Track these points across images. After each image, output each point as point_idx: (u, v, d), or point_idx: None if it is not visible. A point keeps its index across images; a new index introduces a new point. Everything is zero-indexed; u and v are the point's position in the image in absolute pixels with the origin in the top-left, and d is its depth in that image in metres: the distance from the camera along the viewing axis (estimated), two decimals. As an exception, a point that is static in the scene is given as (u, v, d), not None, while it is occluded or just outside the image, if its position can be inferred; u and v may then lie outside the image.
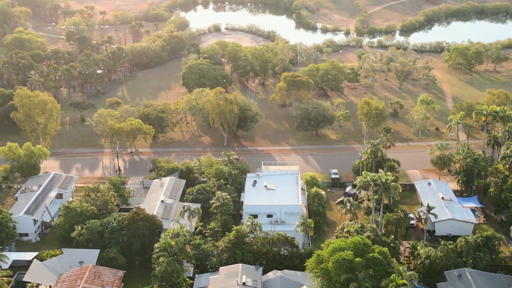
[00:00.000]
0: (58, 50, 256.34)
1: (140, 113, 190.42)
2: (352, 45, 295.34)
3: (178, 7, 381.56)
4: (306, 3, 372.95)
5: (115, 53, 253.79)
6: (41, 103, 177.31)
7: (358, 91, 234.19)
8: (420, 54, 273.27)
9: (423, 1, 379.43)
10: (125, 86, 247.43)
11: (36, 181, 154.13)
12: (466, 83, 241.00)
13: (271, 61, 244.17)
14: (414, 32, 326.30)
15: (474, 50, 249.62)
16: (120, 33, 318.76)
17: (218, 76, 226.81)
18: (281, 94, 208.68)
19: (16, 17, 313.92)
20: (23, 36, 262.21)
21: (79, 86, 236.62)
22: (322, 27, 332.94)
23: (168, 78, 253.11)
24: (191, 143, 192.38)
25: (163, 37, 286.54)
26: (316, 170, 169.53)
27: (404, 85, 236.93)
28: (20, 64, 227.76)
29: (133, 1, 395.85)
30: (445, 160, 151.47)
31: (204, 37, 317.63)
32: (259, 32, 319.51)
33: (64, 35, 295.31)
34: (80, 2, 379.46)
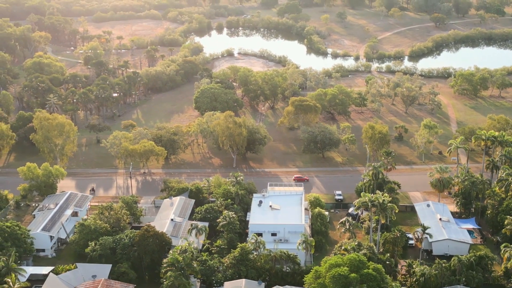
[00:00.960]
0: (76, 74, 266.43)
1: (153, 135, 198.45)
2: (361, 70, 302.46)
3: (193, 32, 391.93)
4: (318, 28, 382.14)
5: (130, 77, 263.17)
6: (59, 126, 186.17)
7: (365, 115, 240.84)
8: (427, 80, 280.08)
9: (432, 27, 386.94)
10: (139, 109, 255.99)
11: (53, 199, 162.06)
12: (471, 108, 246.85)
13: (281, 86, 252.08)
14: (422, 57, 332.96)
15: (479, 76, 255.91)
16: (136, 57, 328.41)
17: (229, 100, 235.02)
18: (289, 118, 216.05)
19: (36, 42, 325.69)
20: (42, 60, 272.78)
21: (95, 109, 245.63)
22: (332, 52, 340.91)
23: (181, 102, 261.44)
24: (202, 164, 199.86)
25: (177, 62, 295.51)
26: (321, 191, 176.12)
27: (410, 109, 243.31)
28: (39, 88, 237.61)
29: (149, 26, 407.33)
30: (444, 183, 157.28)
31: (217, 62, 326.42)
32: (271, 57, 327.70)
33: (82, 59, 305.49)
34: (98, 27, 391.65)
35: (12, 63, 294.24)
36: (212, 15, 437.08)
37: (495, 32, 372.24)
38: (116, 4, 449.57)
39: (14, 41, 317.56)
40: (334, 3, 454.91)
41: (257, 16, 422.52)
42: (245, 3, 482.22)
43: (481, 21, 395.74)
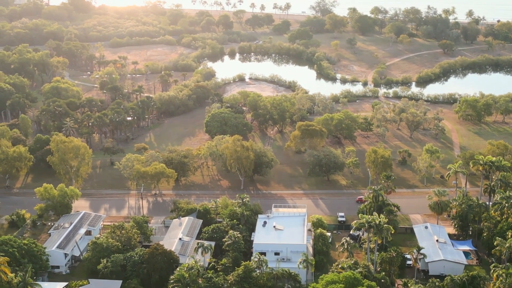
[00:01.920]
0: (92, 99, 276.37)
1: (164, 158, 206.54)
2: (368, 95, 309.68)
3: (206, 58, 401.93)
4: (328, 54, 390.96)
5: (144, 102, 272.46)
6: (75, 148, 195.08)
7: (371, 140, 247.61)
8: (433, 105, 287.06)
9: (441, 53, 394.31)
10: (152, 132, 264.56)
11: (67, 219, 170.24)
12: (474, 133, 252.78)
13: (289, 110, 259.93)
14: (430, 83, 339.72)
15: (483, 102, 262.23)
16: (150, 82, 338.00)
17: (238, 124, 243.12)
18: (295, 142, 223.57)
19: (54, 67, 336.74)
20: (60, 85, 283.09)
21: (110, 132, 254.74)
22: (341, 78, 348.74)
23: (192, 125, 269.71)
24: (211, 186, 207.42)
25: (189, 87, 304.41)
26: (325, 213, 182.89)
27: (414, 134, 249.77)
28: (56, 112, 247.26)
29: (164, 51, 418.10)
30: (442, 206, 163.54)
31: (229, 86, 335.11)
32: (281, 82, 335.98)
33: (98, 84, 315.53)
34: (114, 53, 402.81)
35: (30, 88, 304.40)
36: (225, 41, 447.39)
37: (502, 58, 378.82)
38: (132, 30, 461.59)
39: (33, 66, 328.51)
40: (344, 29, 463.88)
41: (269, 42, 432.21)
42: (257, 29, 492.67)
43: (489, 48, 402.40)
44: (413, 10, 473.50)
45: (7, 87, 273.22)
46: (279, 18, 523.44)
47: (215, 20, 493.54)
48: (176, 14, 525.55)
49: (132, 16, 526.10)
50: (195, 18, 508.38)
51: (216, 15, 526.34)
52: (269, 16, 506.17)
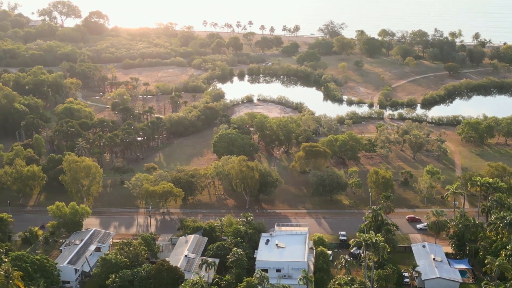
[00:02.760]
0: (104, 119, 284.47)
1: (172, 177, 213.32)
2: (374, 117, 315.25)
3: (216, 79, 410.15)
4: (335, 76, 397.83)
5: (154, 123, 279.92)
6: (86, 168, 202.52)
7: (375, 161, 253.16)
8: (437, 127, 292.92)
9: (446, 75, 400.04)
10: (162, 152, 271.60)
11: (78, 236, 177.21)
12: (477, 155, 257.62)
13: (295, 131, 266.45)
14: (435, 105, 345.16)
15: (485, 124, 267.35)
16: (160, 103, 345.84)
17: (245, 144, 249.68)
18: (300, 162, 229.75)
19: (68, 88, 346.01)
20: (73, 106, 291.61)
21: (120, 152, 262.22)
22: (347, 99, 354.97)
23: (201, 146, 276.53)
24: (217, 205, 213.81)
25: (199, 108, 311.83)
26: (327, 232, 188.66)
27: (418, 155, 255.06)
28: (69, 132, 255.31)
29: (174, 72, 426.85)
30: (440, 226, 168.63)
31: (237, 107, 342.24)
32: (288, 103, 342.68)
33: (110, 105, 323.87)
34: (126, 74, 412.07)
35: (44, 108, 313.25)
36: (234, 62, 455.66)
37: (507, 81, 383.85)
38: (143, 51, 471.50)
39: (47, 87, 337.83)
40: (352, 52, 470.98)
41: (278, 63, 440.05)
42: (266, 51, 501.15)
43: (494, 70, 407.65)
44: (420, 33, 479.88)
45: (22, 108, 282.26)
46: (288, 40, 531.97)
47: (225, 42, 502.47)
48: (187, 36, 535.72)
49: (144, 37, 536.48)
50: (205, 40, 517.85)
51: (226, 37, 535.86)
52: (278, 38, 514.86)
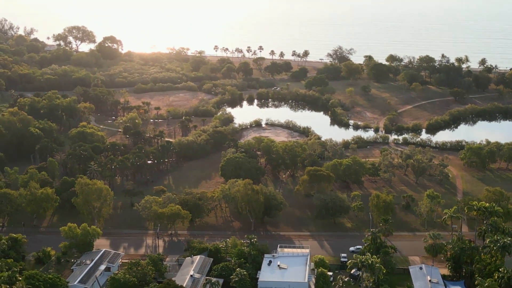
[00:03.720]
0: (115, 143, 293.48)
1: (180, 200, 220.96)
2: (379, 141, 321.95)
3: (225, 103, 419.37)
4: (342, 101, 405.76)
5: (164, 147, 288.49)
6: (98, 191, 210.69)
7: (378, 184, 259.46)
8: (440, 151, 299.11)
9: (452, 101, 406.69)
10: (171, 175, 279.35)
11: (89, 256, 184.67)
12: (478, 179, 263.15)
13: (300, 156, 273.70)
14: (440, 130, 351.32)
15: (487, 150, 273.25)
16: (171, 127, 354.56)
17: (252, 168, 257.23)
18: (304, 186, 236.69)
19: (81, 112, 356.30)
20: (86, 130, 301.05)
21: (131, 175, 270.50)
22: (354, 124, 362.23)
23: (209, 169, 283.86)
24: (223, 227, 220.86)
25: (208, 132, 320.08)
26: (329, 253, 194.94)
27: (420, 180, 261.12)
28: (82, 156, 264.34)
29: (185, 97, 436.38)
30: (437, 248, 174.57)
31: (246, 131, 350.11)
32: (296, 127, 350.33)
33: (122, 129, 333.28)
34: (138, 98, 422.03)
35: (58, 132, 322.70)
36: (244, 87, 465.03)
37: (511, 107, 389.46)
38: (156, 76, 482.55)
39: (61, 111, 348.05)
40: (360, 77, 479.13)
41: (286, 88, 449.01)
42: (276, 75, 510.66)
43: (499, 96, 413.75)
44: (427, 59, 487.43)
45: (37, 132, 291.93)
46: (297, 65, 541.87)
47: (236, 67, 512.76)
48: (198, 61, 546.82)
49: (157, 62, 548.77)
50: (216, 65, 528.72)
51: (236, 62, 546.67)
52: (287, 63, 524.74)
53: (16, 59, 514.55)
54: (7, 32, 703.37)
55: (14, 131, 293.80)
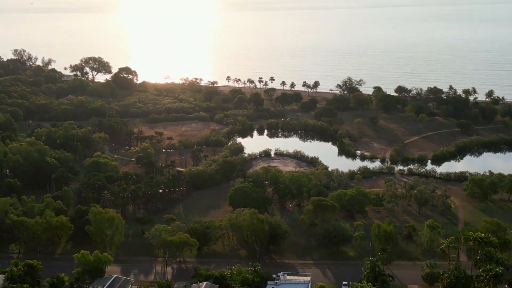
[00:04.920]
0: (128, 173, 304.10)
1: (189, 228, 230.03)
2: (385, 172, 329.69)
3: (236, 133, 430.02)
4: (350, 131, 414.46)
5: (175, 176, 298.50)
6: (110, 219, 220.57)
7: (382, 214, 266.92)
8: (444, 182, 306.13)
9: (458, 132, 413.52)
10: (181, 204, 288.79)
11: (101, 282, 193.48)
12: (480, 210, 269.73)
13: (307, 186, 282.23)
14: (445, 161, 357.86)
15: (489, 181, 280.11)
16: (183, 156, 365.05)
17: (259, 197, 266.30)
18: (309, 215, 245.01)
19: (96, 142, 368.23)
20: (100, 160, 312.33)
21: (143, 203, 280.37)
22: (361, 154, 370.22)
23: (218, 198, 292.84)
24: (230, 255, 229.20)
25: (218, 162, 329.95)
26: (330, 281, 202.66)
27: (423, 210, 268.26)
28: (95, 185, 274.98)
29: (197, 127, 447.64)
30: (434, 277, 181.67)
31: (255, 161, 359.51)
32: (304, 157, 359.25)
33: (135, 158, 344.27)
34: (151, 128, 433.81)
35: (73, 161, 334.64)
36: (255, 117, 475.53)
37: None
38: (169, 106, 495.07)
39: (77, 141, 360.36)
40: (368, 107, 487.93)
41: (296, 119, 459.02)
42: (286, 106, 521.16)
43: (505, 127, 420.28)
44: (435, 90, 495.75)
45: (53, 162, 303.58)
46: (307, 95, 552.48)
47: (247, 98, 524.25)
48: (211, 91, 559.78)
49: (170, 93, 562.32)
50: (228, 95, 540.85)
51: (248, 92, 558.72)
52: (297, 94, 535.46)
53: (34, 89, 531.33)
54: (25, 63, 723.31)
55: (31, 160, 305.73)
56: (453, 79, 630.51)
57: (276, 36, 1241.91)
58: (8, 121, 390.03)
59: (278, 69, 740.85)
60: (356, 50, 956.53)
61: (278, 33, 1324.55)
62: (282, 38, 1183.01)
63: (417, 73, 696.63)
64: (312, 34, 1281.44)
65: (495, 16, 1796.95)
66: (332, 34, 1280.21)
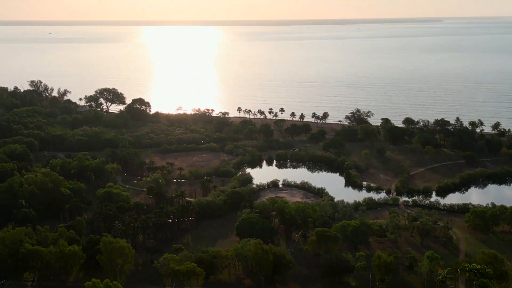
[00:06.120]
0: (139, 203, 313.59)
1: (196, 257, 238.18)
2: (389, 203, 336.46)
3: (245, 164, 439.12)
4: (357, 163, 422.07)
5: (184, 207, 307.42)
6: (120, 249, 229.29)
7: (385, 245, 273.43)
8: (447, 214, 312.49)
9: (464, 164, 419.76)
10: (190, 234, 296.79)
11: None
12: (481, 242, 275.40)
13: (312, 216, 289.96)
14: (450, 193, 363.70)
15: (490, 213, 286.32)
16: (192, 187, 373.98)
17: (265, 228, 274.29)
18: (312, 246, 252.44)
19: (109, 173, 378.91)
20: (112, 190, 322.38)
21: (152, 233, 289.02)
22: (367, 186, 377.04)
23: (226, 228, 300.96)
24: (236, 284, 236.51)
25: (226, 192, 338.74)
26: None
27: (426, 241, 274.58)
28: (107, 215, 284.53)
29: (208, 157, 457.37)
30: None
31: (263, 192, 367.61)
32: (311, 188, 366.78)
33: (146, 189, 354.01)
34: (163, 158, 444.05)
35: (86, 191, 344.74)
36: (264, 148, 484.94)
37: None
38: (180, 137, 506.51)
39: (90, 172, 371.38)
40: (376, 139, 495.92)
41: (304, 150, 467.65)
42: (295, 137, 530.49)
43: (510, 159, 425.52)
44: (442, 122, 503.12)
45: (67, 192, 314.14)
46: (317, 126, 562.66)
47: (257, 129, 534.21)
48: (222, 122, 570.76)
49: (182, 123, 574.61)
50: (239, 126, 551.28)
51: (258, 123, 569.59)
52: (306, 125, 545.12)
53: (50, 120, 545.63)
54: (42, 94, 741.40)
55: (46, 191, 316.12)
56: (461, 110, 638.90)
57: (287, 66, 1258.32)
58: (24, 152, 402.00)
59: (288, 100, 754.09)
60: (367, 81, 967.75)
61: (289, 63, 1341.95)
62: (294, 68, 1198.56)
63: (426, 105, 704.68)
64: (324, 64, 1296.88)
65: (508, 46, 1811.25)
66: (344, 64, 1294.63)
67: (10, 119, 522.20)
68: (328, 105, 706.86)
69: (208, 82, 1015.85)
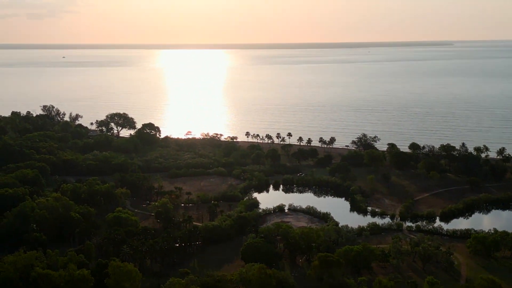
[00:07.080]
0: (147, 228, 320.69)
1: (201, 281, 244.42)
2: (393, 228, 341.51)
3: (252, 188, 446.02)
4: (363, 188, 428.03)
5: (191, 231, 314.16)
6: (128, 273, 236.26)
7: (387, 270, 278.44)
8: (450, 239, 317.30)
9: (468, 189, 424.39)
10: (196, 258, 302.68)
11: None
12: (482, 267, 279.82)
13: (316, 241, 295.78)
14: (453, 218, 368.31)
15: (492, 239, 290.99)
16: (200, 211, 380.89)
17: (269, 252, 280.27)
18: (315, 271, 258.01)
19: (118, 197, 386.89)
20: (121, 215, 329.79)
21: (160, 257, 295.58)
22: (371, 211, 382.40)
23: (232, 253, 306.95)
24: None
25: (232, 217, 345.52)
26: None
27: (428, 266, 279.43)
28: (116, 239, 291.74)
29: (216, 182, 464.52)
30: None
31: (269, 216, 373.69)
32: (316, 213, 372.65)
33: (154, 213, 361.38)
34: (171, 183, 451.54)
35: (96, 215, 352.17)
36: (271, 173, 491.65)
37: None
38: (189, 162, 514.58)
39: (100, 197, 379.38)
40: (381, 164, 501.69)
41: (311, 174, 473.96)
42: (302, 161, 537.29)
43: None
44: (447, 147, 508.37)
45: (77, 216, 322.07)
46: (324, 151, 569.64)
47: (264, 153, 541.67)
48: (230, 146, 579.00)
49: (191, 148, 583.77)
50: (246, 151, 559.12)
51: (266, 147, 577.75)
52: (313, 150, 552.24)
53: (62, 145, 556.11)
54: (54, 118, 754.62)
55: (56, 215, 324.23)
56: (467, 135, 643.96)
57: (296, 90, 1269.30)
58: (36, 177, 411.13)
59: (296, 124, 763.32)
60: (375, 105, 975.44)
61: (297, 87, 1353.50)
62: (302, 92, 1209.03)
63: (433, 130, 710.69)
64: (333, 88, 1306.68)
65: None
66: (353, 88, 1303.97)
67: (23, 144, 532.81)
68: (335, 129, 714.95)
69: (218, 105, 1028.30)
